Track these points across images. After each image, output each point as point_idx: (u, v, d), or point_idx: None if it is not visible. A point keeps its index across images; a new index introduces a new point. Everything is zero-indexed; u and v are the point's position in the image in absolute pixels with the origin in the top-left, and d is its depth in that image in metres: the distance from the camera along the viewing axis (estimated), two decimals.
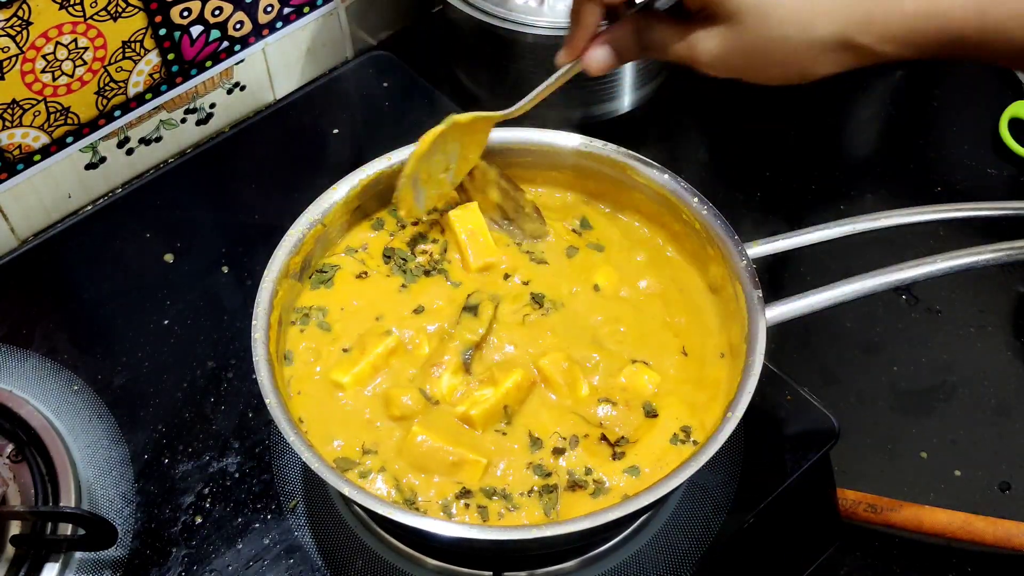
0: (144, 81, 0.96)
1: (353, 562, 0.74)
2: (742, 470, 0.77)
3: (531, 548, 0.70)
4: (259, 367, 0.67)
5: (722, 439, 0.62)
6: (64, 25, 0.87)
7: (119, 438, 0.81)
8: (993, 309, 0.95)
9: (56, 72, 0.89)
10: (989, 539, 0.80)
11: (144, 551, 0.76)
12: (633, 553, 0.74)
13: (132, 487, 0.79)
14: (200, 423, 0.82)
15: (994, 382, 0.91)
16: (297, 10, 1.04)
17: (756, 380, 0.65)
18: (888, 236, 0.76)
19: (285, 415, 0.64)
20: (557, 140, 0.79)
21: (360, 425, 0.70)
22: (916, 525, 0.81)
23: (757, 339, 0.67)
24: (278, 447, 0.80)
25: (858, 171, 1.06)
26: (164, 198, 0.99)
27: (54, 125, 0.93)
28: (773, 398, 0.81)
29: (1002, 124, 1.06)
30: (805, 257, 0.95)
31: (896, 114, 1.12)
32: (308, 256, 0.75)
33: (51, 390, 0.83)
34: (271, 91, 1.08)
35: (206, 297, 0.90)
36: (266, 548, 0.75)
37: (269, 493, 0.78)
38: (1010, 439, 0.88)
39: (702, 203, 0.74)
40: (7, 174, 0.92)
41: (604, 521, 0.60)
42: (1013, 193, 1.04)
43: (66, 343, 0.87)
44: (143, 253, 0.94)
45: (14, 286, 0.93)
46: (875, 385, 0.90)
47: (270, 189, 0.98)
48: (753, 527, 0.76)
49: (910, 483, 0.85)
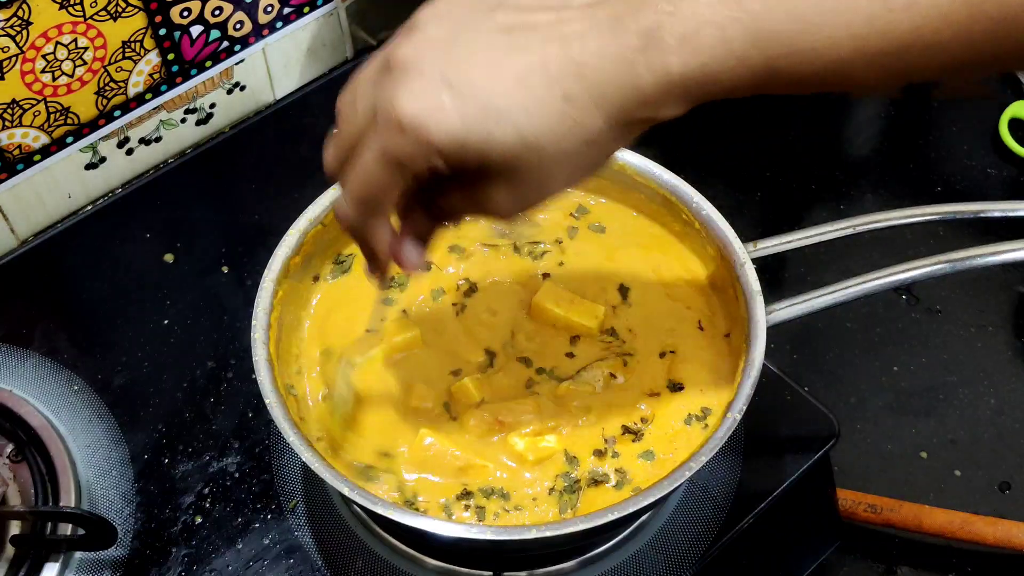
0: (144, 81, 0.96)
1: (353, 562, 0.74)
2: (742, 470, 0.77)
3: (531, 548, 0.70)
4: (259, 367, 0.67)
5: (722, 439, 0.63)
6: (64, 25, 0.87)
7: (119, 438, 0.81)
8: (993, 309, 0.95)
9: (56, 72, 0.89)
10: (989, 539, 0.80)
11: (144, 551, 0.76)
12: (633, 553, 0.74)
13: (132, 487, 0.79)
14: (200, 423, 0.82)
15: (994, 382, 0.91)
16: (297, 10, 1.04)
17: (756, 380, 0.65)
18: (888, 236, 0.76)
19: (285, 415, 0.64)
20: None
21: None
22: (916, 525, 0.81)
23: (757, 339, 0.67)
24: (278, 447, 0.80)
25: (858, 171, 1.06)
26: (164, 198, 0.99)
27: (54, 125, 0.93)
28: (773, 398, 0.80)
29: (1002, 124, 1.06)
30: (805, 257, 0.95)
31: (896, 114, 1.12)
32: (309, 255, 0.75)
33: (51, 390, 0.83)
34: (271, 91, 1.08)
35: (206, 297, 0.90)
36: (266, 548, 0.75)
37: (269, 493, 0.78)
38: (1010, 439, 0.88)
39: (702, 203, 0.74)
40: (7, 174, 0.92)
41: (604, 521, 0.60)
42: (1013, 193, 1.04)
43: (66, 343, 0.87)
44: (143, 253, 0.94)
45: (14, 286, 0.92)
46: (875, 385, 0.90)
47: (270, 189, 0.98)
48: (753, 527, 0.76)
49: (910, 483, 0.85)
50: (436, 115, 0.47)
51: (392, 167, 0.50)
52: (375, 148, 0.50)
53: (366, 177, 0.51)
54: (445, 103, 0.47)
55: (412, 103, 0.48)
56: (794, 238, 0.74)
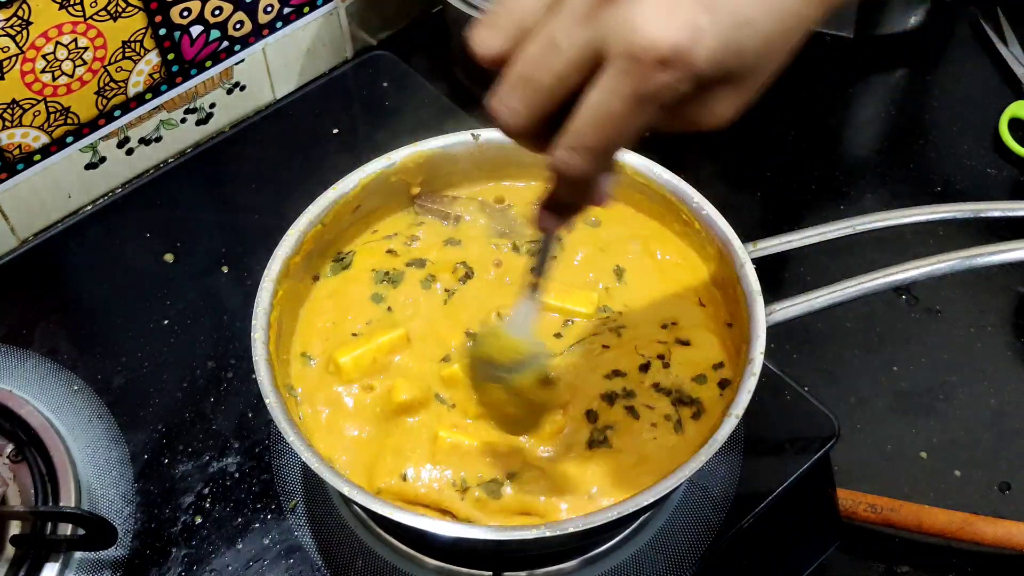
0: (144, 81, 0.96)
1: (353, 562, 0.74)
2: (742, 470, 0.77)
3: (531, 548, 0.70)
4: (259, 367, 0.67)
5: (722, 439, 0.62)
6: (64, 25, 0.87)
7: (119, 438, 0.81)
8: (993, 309, 0.95)
9: (56, 72, 0.89)
10: (989, 539, 0.80)
11: (144, 551, 0.76)
12: (633, 553, 0.74)
13: (132, 487, 0.79)
14: (200, 423, 0.82)
15: (994, 382, 0.91)
16: (297, 10, 1.04)
17: (756, 380, 0.65)
18: (888, 236, 0.76)
19: (285, 415, 0.64)
20: None
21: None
22: (916, 525, 0.81)
23: (757, 339, 0.67)
24: (278, 447, 0.80)
25: (858, 171, 1.06)
26: (164, 198, 0.99)
27: (54, 125, 0.93)
28: (773, 398, 0.80)
29: (1002, 124, 1.07)
30: (805, 257, 0.95)
31: (896, 114, 1.12)
32: (309, 255, 0.75)
33: (51, 390, 0.83)
34: (271, 91, 1.08)
35: (206, 297, 0.90)
36: (266, 548, 0.75)
37: (269, 493, 0.78)
38: (1010, 439, 0.88)
39: (702, 203, 0.75)
40: (7, 174, 0.92)
41: (604, 521, 0.60)
42: (1013, 193, 1.04)
43: (66, 343, 0.87)
44: (143, 253, 0.94)
45: (14, 286, 0.93)
46: (875, 385, 0.90)
47: (270, 189, 0.98)
48: (753, 527, 0.76)
49: (910, 483, 0.85)
50: (698, 40, 0.43)
51: (648, 105, 0.44)
52: (624, 90, 0.44)
53: (613, 123, 0.45)
54: (702, 24, 0.43)
55: (670, 32, 0.42)
56: (794, 238, 0.74)
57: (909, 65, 1.16)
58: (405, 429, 0.69)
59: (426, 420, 0.70)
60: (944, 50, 1.17)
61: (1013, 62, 1.12)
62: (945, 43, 1.18)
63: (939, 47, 1.17)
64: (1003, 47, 1.14)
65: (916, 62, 1.16)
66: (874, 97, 1.13)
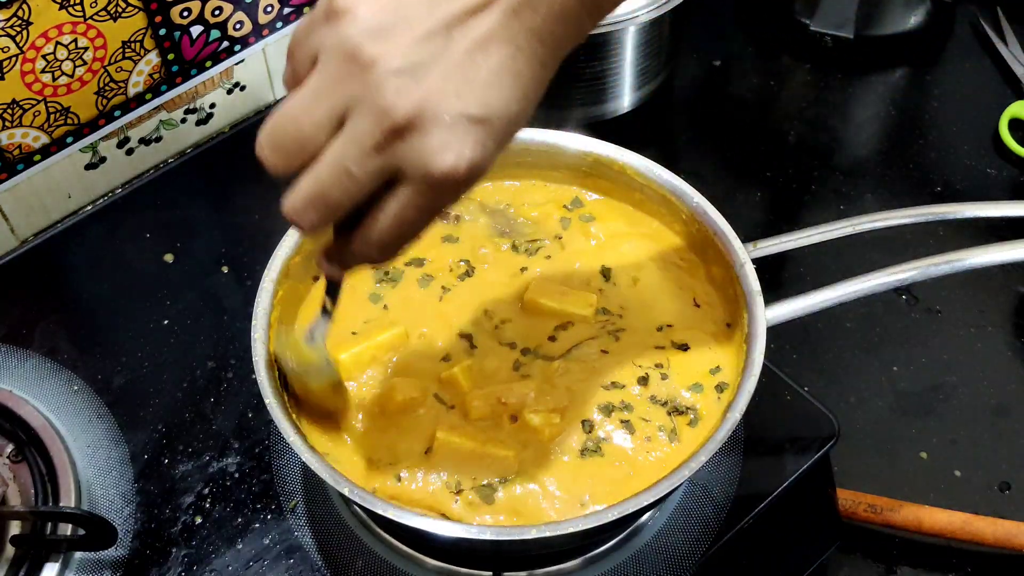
0: (144, 81, 0.96)
1: (353, 562, 0.74)
2: (742, 470, 0.77)
3: (531, 548, 0.70)
4: (259, 367, 0.67)
5: (722, 439, 0.63)
6: (64, 25, 0.87)
7: (119, 438, 0.81)
8: (993, 309, 0.95)
9: (56, 72, 0.89)
10: (989, 539, 0.80)
11: (144, 551, 0.76)
12: (633, 553, 0.74)
13: (132, 487, 0.79)
14: (200, 423, 0.82)
15: (994, 382, 0.91)
16: (297, 10, 1.04)
17: (756, 380, 0.65)
18: (888, 236, 0.76)
19: (285, 415, 0.64)
20: (557, 140, 0.79)
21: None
22: (916, 525, 0.81)
23: (757, 339, 0.67)
24: (278, 447, 0.80)
25: (858, 171, 1.06)
26: (164, 198, 0.99)
27: (54, 125, 0.93)
28: (773, 398, 0.80)
29: (1002, 124, 1.07)
30: (805, 257, 0.95)
31: (896, 114, 1.12)
32: (309, 255, 0.75)
33: (51, 390, 0.83)
34: (271, 91, 1.08)
35: (206, 297, 0.90)
36: (266, 548, 0.75)
37: (269, 493, 0.78)
38: (1010, 439, 0.88)
39: (702, 203, 0.75)
40: (7, 174, 0.92)
41: (604, 521, 0.60)
42: (1013, 193, 1.04)
43: (66, 343, 0.87)
44: (143, 253, 0.94)
45: (14, 286, 0.92)
46: (875, 385, 0.90)
47: (270, 189, 0.97)
48: (753, 527, 0.76)
49: (910, 483, 0.85)
50: (485, 156, 0.49)
51: (439, 212, 0.52)
52: (422, 205, 0.50)
53: (411, 228, 0.52)
54: (485, 140, 0.49)
55: (463, 158, 0.48)
56: (794, 238, 0.74)
57: (909, 65, 1.16)
58: (402, 429, 0.69)
59: (424, 420, 0.70)
60: (944, 50, 1.17)
61: (1013, 62, 1.13)
62: (945, 43, 1.18)
63: (939, 47, 1.18)
64: (1003, 47, 1.14)
65: (916, 62, 1.16)
66: (874, 97, 1.13)
